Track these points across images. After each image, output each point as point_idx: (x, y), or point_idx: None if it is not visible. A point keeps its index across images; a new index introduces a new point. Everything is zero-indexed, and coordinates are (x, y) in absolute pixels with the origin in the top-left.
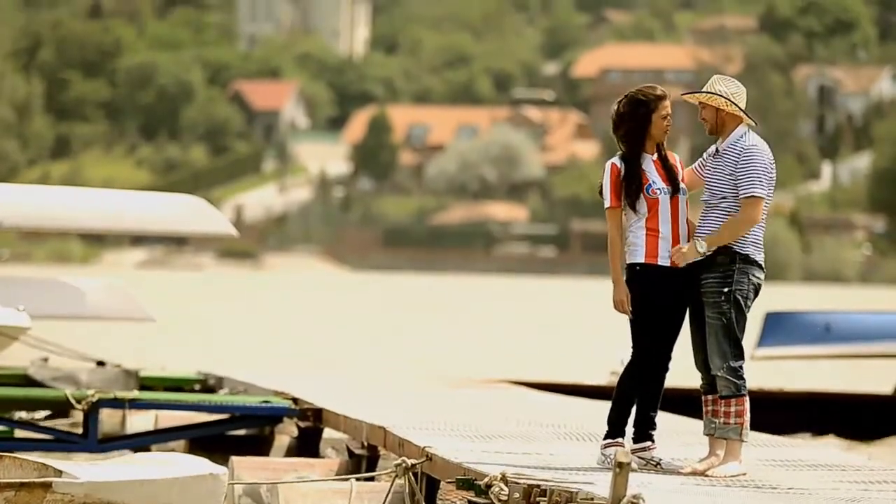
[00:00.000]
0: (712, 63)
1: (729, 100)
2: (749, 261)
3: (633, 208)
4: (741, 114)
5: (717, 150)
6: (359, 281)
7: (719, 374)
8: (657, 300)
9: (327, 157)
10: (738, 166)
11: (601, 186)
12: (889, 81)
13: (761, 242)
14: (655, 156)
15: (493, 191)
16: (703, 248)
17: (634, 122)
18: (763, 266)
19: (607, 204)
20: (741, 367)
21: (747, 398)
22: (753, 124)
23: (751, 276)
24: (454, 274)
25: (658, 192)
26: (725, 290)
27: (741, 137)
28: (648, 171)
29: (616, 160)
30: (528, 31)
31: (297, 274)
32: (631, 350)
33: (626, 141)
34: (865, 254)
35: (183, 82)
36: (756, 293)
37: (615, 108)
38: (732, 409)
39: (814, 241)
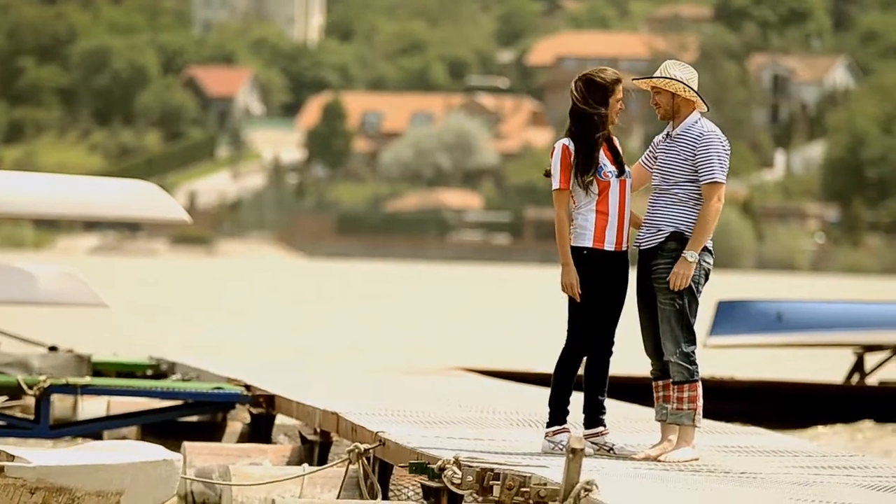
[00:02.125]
0: (667, 51)
1: (686, 85)
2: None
3: (585, 191)
4: (697, 99)
5: (668, 135)
6: (312, 267)
7: (672, 359)
8: (602, 284)
9: (281, 143)
10: (697, 152)
11: (549, 169)
12: (843, 71)
13: None
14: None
15: (448, 178)
16: (692, 257)
17: (595, 105)
18: (712, 251)
19: (556, 185)
20: (694, 352)
21: (700, 384)
22: (706, 109)
23: (702, 262)
24: (408, 261)
25: (609, 174)
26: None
27: (696, 123)
28: (596, 155)
29: (567, 141)
30: (482, 18)
31: (250, 260)
32: (567, 333)
33: (583, 123)
34: (818, 242)
35: (137, 67)
36: (706, 278)
37: (573, 88)
38: (685, 394)
39: (767, 229)
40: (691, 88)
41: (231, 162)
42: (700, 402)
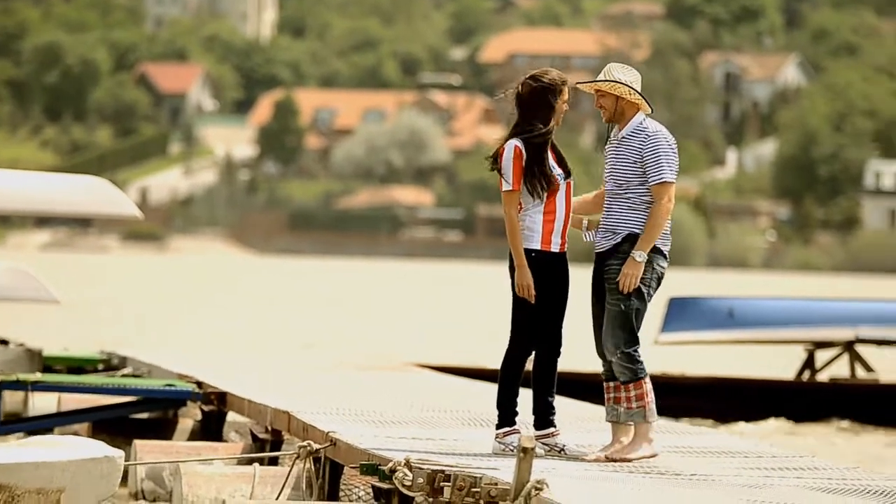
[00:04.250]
0: (619, 49)
1: (630, 87)
2: (653, 249)
3: (535, 193)
4: (642, 101)
5: (611, 138)
6: (264, 264)
7: (614, 359)
8: (550, 286)
9: (233, 140)
10: (645, 153)
11: (495, 161)
12: (794, 69)
13: (666, 230)
14: None
15: (400, 175)
16: (641, 257)
17: (543, 107)
18: (667, 255)
19: (509, 187)
20: (636, 351)
21: (647, 380)
22: (650, 111)
23: (654, 265)
24: (360, 258)
25: (558, 177)
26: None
27: (641, 123)
28: (547, 157)
29: (518, 143)
30: (435, 15)
31: (202, 257)
32: (511, 333)
33: (533, 125)
34: (769, 240)
35: (89, 63)
36: (659, 282)
37: (518, 89)
38: (633, 393)
39: (718, 227)
40: (635, 90)
41: (183, 158)
42: (649, 398)
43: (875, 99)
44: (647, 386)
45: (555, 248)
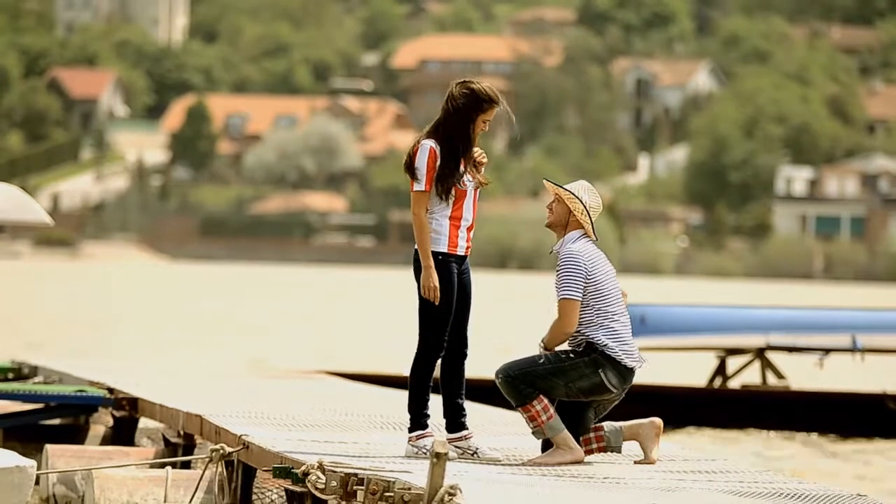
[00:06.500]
0: (531, 55)
1: (587, 211)
2: (607, 357)
3: (444, 196)
4: (588, 227)
5: (553, 248)
6: (176, 270)
7: (497, 380)
8: (455, 289)
9: (145, 145)
10: (557, 268)
11: (410, 162)
12: (705, 75)
13: (621, 338)
14: None
15: (312, 181)
16: (540, 346)
17: (466, 115)
18: (624, 373)
19: (421, 187)
20: (518, 383)
21: (535, 402)
22: (595, 239)
23: (601, 372)
24: (272, 264)
25: (467, 183)
26: (568, 361)
27: (570, 241)
28: (459, 163)
29: (433, 144)
30: (347, 20)
31: (114, 263)
32: (419, 336)
33: (453, 129)
34: (681, 246)
35: None
36: (596, 391)
37: (453, 90)
38: (524, 416)
39: (630, 232)
40: (589, 216)
41: (95, 164)
42: (543, 417)
43: (785, 105)
44: (539, 406)
45: (460, 251)
